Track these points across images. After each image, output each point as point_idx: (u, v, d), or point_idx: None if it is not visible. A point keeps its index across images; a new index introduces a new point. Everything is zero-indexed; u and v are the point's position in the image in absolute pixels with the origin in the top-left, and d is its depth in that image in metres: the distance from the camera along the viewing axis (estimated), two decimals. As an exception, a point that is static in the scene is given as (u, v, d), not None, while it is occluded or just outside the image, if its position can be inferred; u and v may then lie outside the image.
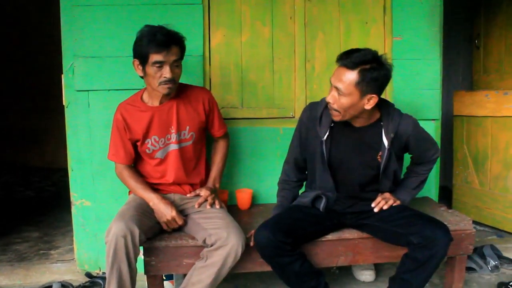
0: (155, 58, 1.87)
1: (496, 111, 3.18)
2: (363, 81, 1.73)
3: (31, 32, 5.63)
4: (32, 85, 5.71)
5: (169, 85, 1.92)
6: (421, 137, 1.98)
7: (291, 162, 2.14)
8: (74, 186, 2.49)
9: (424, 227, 1.80)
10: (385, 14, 2.64)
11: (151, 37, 1.86)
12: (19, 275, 2.52)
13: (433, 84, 2.67)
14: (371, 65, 1.73)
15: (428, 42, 2.64)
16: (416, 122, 1.95)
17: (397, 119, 1.90)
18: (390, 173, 1.98)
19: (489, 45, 3.54)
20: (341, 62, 1.76)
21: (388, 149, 1.89)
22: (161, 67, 1.89)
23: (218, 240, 1.84)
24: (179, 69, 1.97)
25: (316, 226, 2.00)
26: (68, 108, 2.45)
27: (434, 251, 1.76)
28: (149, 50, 1.86)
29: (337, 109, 1.81)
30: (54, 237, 3.18)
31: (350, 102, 1.77)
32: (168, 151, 2.08)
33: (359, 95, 1.76)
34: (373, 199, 2.02)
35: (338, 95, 1.78)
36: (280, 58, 2.58)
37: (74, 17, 2.37)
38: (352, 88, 1.74)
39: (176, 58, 1.92)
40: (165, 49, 1.86)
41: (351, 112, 1.82)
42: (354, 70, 1.73)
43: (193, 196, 2.12)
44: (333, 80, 1.79)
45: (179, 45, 1.94)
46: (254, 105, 2.59)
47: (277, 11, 2.56)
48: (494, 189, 3.25)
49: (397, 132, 1.89)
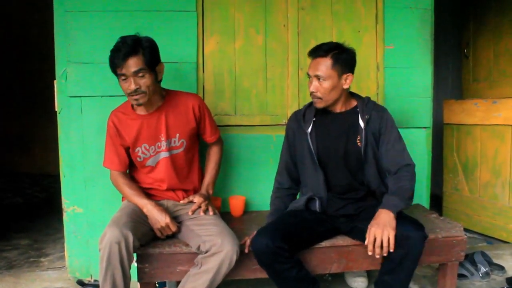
0: (118, 71, 1.89)
1: (485, 119, 3.22)
2: (337, 63, 1.97)
3: (21, 37, 5.59)
4: (21, 90, 5.67)
5: (135, 96, 1.91)
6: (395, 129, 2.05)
7: (282, 169, 2.21)
8: (66, 192, 2.47)
9: (399, 225, 1.82)
10: (377, 22, 2.67)
11: (114, 51, 1.88)
12: (9, 283, 2.49)
13: (424, 92, 2.71)
14: (338, 50, 1.99)
15: (420, 51, 2.68)
16: (390, 114, 2.08)
17: (371, 105, 2.06)
18: (371, 159, 2.03)
19: (478, 53, 3.60)
20: (314, 55, 2.01)
21: (364, 130, 2.01)
22: (126, 79, 1.90)
23: (213, 247, 1.83)
24: (146, 78, 1.91)
25: (311, 231, 2.00)
26: (61, 114, 2.43)
27: (407, 249, 1.79)
28: (114, 63, 1.88)
29: (320, 95, 2.00)
30: (45, 244, 3.15)
31: (331, 84, 1.97)
32: (159, 159, 2.08)
33: (337, 76, 1.98)
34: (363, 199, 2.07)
35: (319, 82, 1.98)
36: (273, 65, 2.59)
37: (67, 23, 2.37)
38: (330, 71, 1.96)
39: (137, 69, 1.87)
40: (122, 63, 1.86)
41: (333, 95, 2.01)
42: (327, 57, 1.97)
43: (186, 202, 2.11)
44: (311, 71, 2.00)
45: (139, 55, 1.88)
46: (247, 112, 2.60)
47: (270, 19, 2.57)
48: (484, 197, 3.29)
49: (371, 116, 2.03)
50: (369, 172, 2.05)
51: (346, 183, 2.07)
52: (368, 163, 2.04)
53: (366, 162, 2.04)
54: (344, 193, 2.08)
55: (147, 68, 1.90)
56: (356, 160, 2.05)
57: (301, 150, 2.12)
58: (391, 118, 2.06)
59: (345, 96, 2.07)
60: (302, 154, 2.12)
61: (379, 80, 2.69)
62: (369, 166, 2.04)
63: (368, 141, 2.02)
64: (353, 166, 2.06)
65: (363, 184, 2.08)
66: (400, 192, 1.91)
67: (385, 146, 2.02)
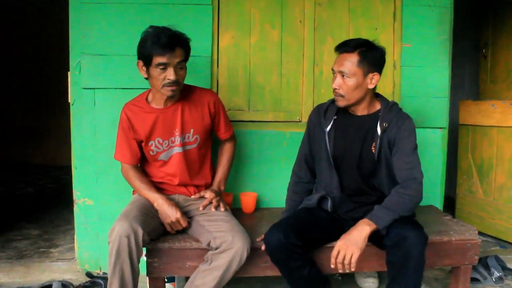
0: (158, 60, 1.85)
1: (503, 121, 3.16)
2: (364, 60, 1.87)
3: (34, 30, 5.61)
4: (34, 83, 5.71)
5: (173, 87, 1.90)
6: (410, 140, 1.93)
7: (301, 162, 2.17)
8: (77, 184, 2.46)
9: (396, 227, 1.75)
10: (395, 20, 2.63)
11: (155, 38, 1.84)
12: (19, 272, 2.50)
13: (441, 92, 2.66)
14: (367, 47, 1.89)
15: (438, 50, 2.64)
16: (412, 123, 1.96)
17: (394, 112, 1.97)
18: (384, 166, 1.96)
19: (497, 54, 3.53)
20: (341, 50, 1.91)
21: (380, 138, 1.93)
22: (165, 69, 1.87)
23: (223, 243, 1.82)
24: (184, 71, 1.94)
25: (323, 229, 1.98)
26: (74, 105, 2.43)
27: (406, 250, 1.69)
28: (153, 52, 1.84)
29: (343, 93, 1.91)
30: (55, 235, 3.16)
31: (355, 83, 1.88)
32: (172, 154, 2.06)
33: (363, 74, 1.88)
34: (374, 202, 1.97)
35: (342, 79, 1.90)
36: (288, 61, 2.56)
37: (82, 14, 2.36)
38: (355, 68, 1.87)
39: (180, 60, 1.89)
40: (168, 51, 1.84)
41: (356, 94, 1.91)
42: (354, 53, 1.87)
43: (197, 197, 2.10)
44: (336, 67, 1.91)
45: (183, 47, 1.91)
46: (261, 108, 2.57)
47: (286, 14, 2.54)
48: (499, 199, 3.23)
49: (390, 123, 1.94)
50: (381, 179, 1.99)
51: (358, 187, 2.02)
52: (381, 170, 1.97)
53: (379, 169, 1.97)
54: (356, 196, 2.03)
55: (185, 61, 1.93)
56: (369, 166, 1.98)
57: (318, 146, 2.07)
58: (410, 128, 1.94)
59: (369, 97, 1.98)
60: (319, 151, 2.07)
61: (395, 79, 2.65)
62: (382, 173, 1.98)
63: (382, 149, 1.95)
64: (366, 171, 1.99)
65: (375, 189, 2.02)
66: (393, 207, 1.79)
67: (396, 156, 1.92)
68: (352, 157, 1.99)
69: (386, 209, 1.78)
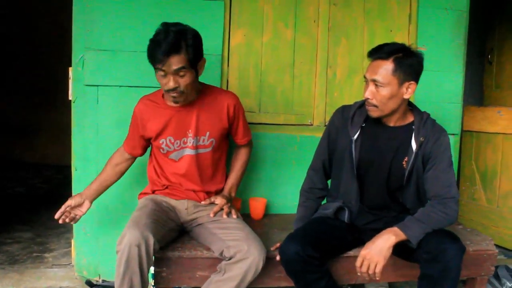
0: (156, 66, 1.74)
1: (509, 128, 3.13)
2: (400, 68, 1.73)
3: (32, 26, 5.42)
4: (24, 79, 5.51)
5: (173, 94, 1.79)
6: (446, 156, 1.84)
7: (318, 167, 2.03)
8: (77, 186, 2.33)
9: (431, 238, 1.68)
10: (410, 23, 2.57)
11: (152, 45, 1.73)
12: (12, 279, 2.36)
13: (454, 98, 2.61)
14: (403, 53, 1.74)
15: (452, 54, 2.59)
16: (448, 137, 1.87)
17: (429, 125, 1.86)
18: (413, 182, 1.87)
19: (502, 60, 3.50)
20: (374, 56, 1.76)
21: (416, 153, 1.82)
22: (165, 76, 1.75)
23: (238, 253, 1.72)
24: (187, 77, 1.77)
25: (340, 240, 1.90)
26: (75, 103, 2.30)
27: (445, 263, 1.62)
28: (151, 57, 1.74)
29: (376, 103, 1.77)
30: (48, 238, 3.01)
31: (390, 92, 1.75)
32: (183, 155, 1.96)
33: (398, 84, 1.74)
34: (395, 216, 1.91)
35: (376, 88, 1.76)
36: (301, 62, 2.48)
37: (87, 7, 2.23)
38: (390, 77, 1.73)
39: (178, 67, 1.73)
40: (163, 60, 1.70)
41: (391, 105, 1.78)
42: (388, 60, 1.73)
43: (207, 203, 2.00)
44: (369, 75, 1.77)
45: (182, 53, 1.73)
46: (272, 110, 2.48)
47: (300, 13, 2.46)
48: (503, 207, 3.19)
49: (426, 138, 1.83)
50: (408, 194, 1.90)
51: (382, 200, 1.92)
52: (409, 186, 1.88)
53: (407, 185, 1.88)
54: (377, 210, 1.94)
55: (188, 66, 1.76)
56: (398, 180, 1.88)
57: (341, 155, 1.94)
58: (446, 142, 1.85)
59: (404, 108, 1.85)
60: (341, 159, 1.94)
61: (409, 83, 2.58)
62: (410, 189, 1.88)
63: (415, 165, 1.84)
64: (393, 186, 1.89)
65: (399, 204, 1.93)
66: (427, 221, 1.70)
67: (432, 172, 1.81)
68: (380, 170, 1.88)
69: (419, 221, 1.70)
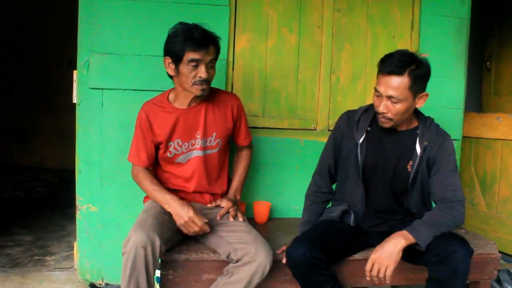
0: (191, 56, 1.75)
1: (508, 134, 3.16)
2: (415, 82, 1.71)
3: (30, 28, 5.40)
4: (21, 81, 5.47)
5: (203, 86, 1.81)
6: (451, 160, 1.86)
7: (323, 171, 2.04)
8: (81, 189, 2.33)
9: (440, 241, 1.69)
10: (413, 29, 2.59)
11: (188, 34, 1.75)
12: (15, 282, 2.34)
13: (456, 104, 2.64)
14: (415, 64, 1.71)
15: (454, 61, 2.61)
16: (452, 141, 1.89)
17: (433, 130, 1.87)
18: (418, 186, 1.88)
19: (501, 67, 3.54)
20: (387, 70, 1.71)
21: (420, 157, 1.84)
22: (197, 66, 1.78)
23: (245, 256, 1.72)
24: (214, 70, 1.86)
25: (345, 243, 1.90)
26: (80, 106, 2.30)
27: (454, 266, 1.63)
28: (186, 47, 1.75)
29: (391, 117, 1.77)
30: (49, 242, 3.00)
31: (406, 107, 1.74)
32: (191, 157, 1.96)
33: (413, 97, 1.74)
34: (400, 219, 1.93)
35: (391, 103, 1.74)
36: (305, 67, 2.49)
37: (93, 11, 2.24)
38: (407, 92, 1.71)
39: (212, 58, 1.81)
40: (203, 48, 1.76)
41: (404, 116, 1.80)
42: (403, 75, 1.69)
43: (213, 206, 2.00)
44: (383, 90, 1.73)
45: (215, 45, 1.83)
46: (276, 114, 2.49)
47: (305, 19, 2.48)
48: (502, 213, 3.21)
49: (431, 141, 1.84)
50: (412, 198, 1.91)
51: (386, 203, 1.93)
52: (413, 190, 1.89)
53: (412, 188, 1.89)
54: (382, 213, 1.95)
55: (216, 60, 1.85)
56: (402, 184, 1.89)
57: (346, 158, 1.96)
58: (451, 146, 1.86)
59: (411, 115, 1.87)
60: (347, 162, 1.95)
61: (411, 89, 2.60)
62: (414, 192, 1.90)
63: (420, 169, 1.85)
64: (398, 189, 1.91)
65: (403, 208, 1.94)
66: (435, 224, 1.71)
67: (437, 176, 1.83)
68: (385, 173, 1.90)
69: (428, 224, 1.70)
